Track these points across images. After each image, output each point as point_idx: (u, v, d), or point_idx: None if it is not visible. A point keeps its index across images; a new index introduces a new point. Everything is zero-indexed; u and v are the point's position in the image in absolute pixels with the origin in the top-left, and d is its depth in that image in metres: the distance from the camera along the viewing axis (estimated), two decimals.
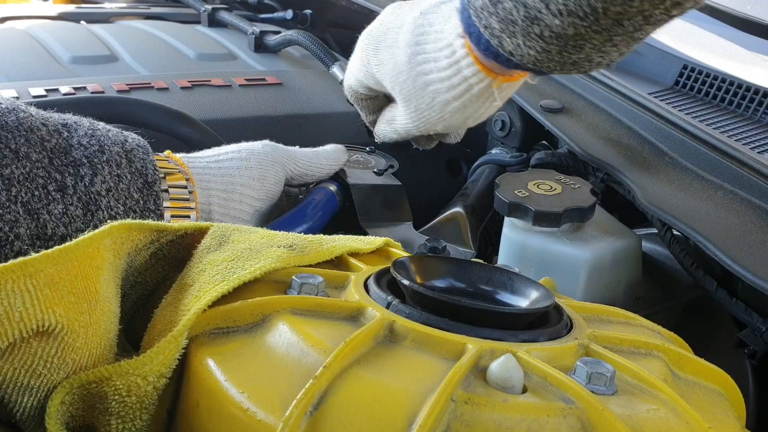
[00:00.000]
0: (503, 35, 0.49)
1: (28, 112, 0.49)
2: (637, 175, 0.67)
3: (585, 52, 0.47)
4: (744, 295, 0.60)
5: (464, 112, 0.59)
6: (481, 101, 0.57)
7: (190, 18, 1.24)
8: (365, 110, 0.70)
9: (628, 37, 0.46)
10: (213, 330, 0.37)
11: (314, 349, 0.34)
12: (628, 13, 0.43)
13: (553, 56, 0.48)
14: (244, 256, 0.41)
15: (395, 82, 0.61)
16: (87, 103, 0.70)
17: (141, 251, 0.42)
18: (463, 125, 0.61)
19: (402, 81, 0.60)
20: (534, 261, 0.63)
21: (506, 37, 0.49)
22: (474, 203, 0.79)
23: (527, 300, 0.41)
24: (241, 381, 0.33)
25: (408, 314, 0.36)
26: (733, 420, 0.38)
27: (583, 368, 0.34)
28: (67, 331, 0.34)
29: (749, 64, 0.89)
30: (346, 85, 0.70)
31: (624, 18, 0.44)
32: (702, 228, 0.59)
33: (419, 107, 0.60)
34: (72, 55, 0.95)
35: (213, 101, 0.85)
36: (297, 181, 0.68)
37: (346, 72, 0.69)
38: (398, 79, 0.60)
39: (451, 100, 0.58)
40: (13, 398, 0.34)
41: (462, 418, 0.30)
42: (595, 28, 0.45)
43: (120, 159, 0.52)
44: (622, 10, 0.43)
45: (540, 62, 0.49)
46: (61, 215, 0.48)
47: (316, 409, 0.31)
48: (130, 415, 0.34)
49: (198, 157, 0.61)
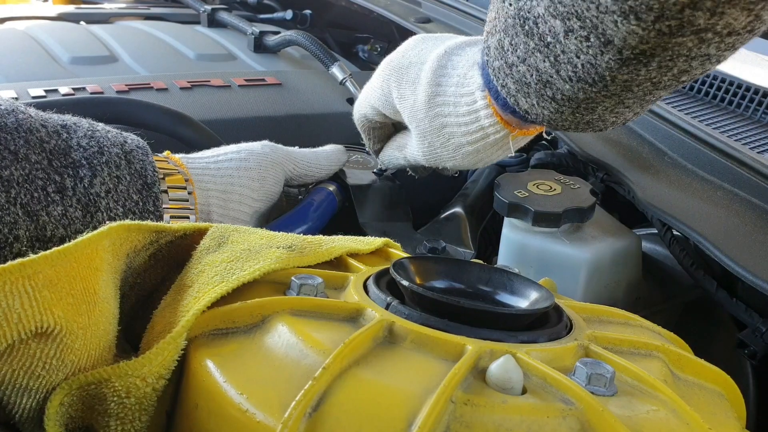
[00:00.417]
0: (519, 95, 0.50)
1: (27, 113, 0.49)
2: (637, 175, 0.67)
3: (597, 113, 0.48)
4: (744, 296, 0.60)
5: (476, 156, 0.60)
6: (495, 149, 0.59)
7: (189, 18, 1.24)
8: (373, 139, 0.71)
9: (640, 100, 0.46)
10: (212, 331, 0.37)
11: (313, 350, 0.34)
12: (636, 80, 0.43)
13: (566, 117, 0.49)
14: (243, 257, 0.41)
15: (413, 118, 0.62)
16: (86, 103, 0.70)
17: (140, 252, 0.42)
18: (472, 166, 0.63)
19: (420, 118, 0.61)
20: (534, 261, 0.63)
21: (522, 97, 0.50)
22: (473, 203, 0.79)
23: (527, 301, 0.41)
24: (240, 382, 0.33)
25: (407, 315, 0.36)
26: (734, 421, 0.38)
27: (582, 369, 0.34)
28: (66, 333, 0.33)
29: (749, 64, 0.89)
30: (358, 113, 0.70)
31: (633, 85, 0.44)
32: (702, 228, 0.59)
33: (433, 144, 0.61)
34: (71, 56, 0.95)
35: (212, 102, 0.85)
36: (296, 181, 0.68)
37: (360, 99, 0.69)
38: (416, 115, 0.61)
39: (465, 145, 0.59)
40: (12, 399, 0.34)
41: (461, 419, 0.30)
42: (604, 93, 0.45)
43: (119, 160, 0.52)
44: (630, 78, 0.43)
45: (554, 121, 0.50)
46: (61, 217, 0.48)
47: (316, 411, 0.31)
48: (129, 417, 0.34)
49: (197, 158, 0.61)
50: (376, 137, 0.71)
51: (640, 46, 0.40)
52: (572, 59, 0.44)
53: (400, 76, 0.62)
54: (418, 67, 0.61)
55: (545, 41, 0.44)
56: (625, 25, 0.39)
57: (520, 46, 0.47)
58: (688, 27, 0.38)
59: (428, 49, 0.62)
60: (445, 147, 0.61)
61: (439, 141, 0.61)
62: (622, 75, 0.43)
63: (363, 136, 0.72)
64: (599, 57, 0.42)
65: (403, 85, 0.62)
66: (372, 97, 0.66)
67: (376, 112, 0.67)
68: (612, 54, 0.41)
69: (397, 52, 0.64)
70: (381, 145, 0.72)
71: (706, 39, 0.39)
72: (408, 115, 0.62)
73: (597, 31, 0.41)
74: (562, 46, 0.43)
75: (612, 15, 0.39)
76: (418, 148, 0.64)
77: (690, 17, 0.37)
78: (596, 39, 0.41)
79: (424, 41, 0.64)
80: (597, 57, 0.42)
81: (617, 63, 0.42)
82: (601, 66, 0.43)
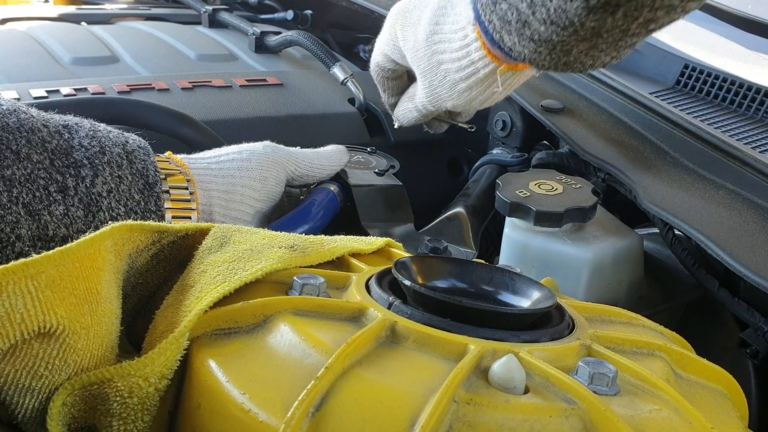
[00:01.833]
0: (503, 32, 0.52)
1: (29, 113, 0.49)
2: (639, 174, 0.67)
3: (573, 55, 0.51)
4: (746, 295, 0.60)
5: (470, 93, 0.63)
6: (486, 85, 0.62)
7: (190, 19, 1.24)
8: (388, 91, 0.74)
9: (612, 46, 0.49)
10: (214, 331, 0.37)
11: (316, 350, 0.34)
12: (604, 27, 0.46)
13: (544, 57, 0.52)
14: (246, 256, 0.41)
15: (414, 57, 0.65)
16: (88, 104, 0.70)
17: (142, 252, 0.42)
18: (469, 106, 0.65)
19: (420, 57, 0.64)
20: (535, 261, 0.63)
21: (505, 34, 0.52)
22: (475, 203, 0.79)
23: (529, 300, 0.41)
24: (242, 382, 0.33)
25: (409, 315, 0.36)
26: (736, 420, 0.38)
27: (585, 369, 0.34)
28: (69, 333, 0.33)
29: (750, 64, 0.89)
30: (373, 62, 0.73)
31: (602, 30, 0.46)
32: (704, 228, 0.59)
33: (432, 83, 0.64)
34: (73, 56, 0.95)
35: (214, 102, 0.85)
36: (298, 181, 0.68)
37: (374, 49, 0.73)
38: (417, 54, 0.64)
39: (459, 81, 0.62)
40: (15, 400, 0.34)
41: (464, 419, 0.30)
42: (575, 37, 0.48)
43: (121, 160, 0.52)
44: (598, 25, 0.46)
45: (534, 60, 0.53)
46: (63, 216, 0.48)
47: (318, 410, 0.31)
48: (131, 417, 0.34)
49: (199, 158, 0.61)
50: (391, 89, 0.74)
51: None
52: (545, 2, 0.46)
53: (404, 19, 0.66)
54: (420, 10, 0.64)
55: None
56: None
57: None
58: None
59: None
60: (443, 84, 0.63)
61: (438, 78, 0.64)
62: (590, 22, 0.45)
63: (380, 90, 0.75)
64: (569, 3, 0.45)
65: (406, 27, 0.65)
66: (381, 42, 0.70)
67: (387, 58, 0.70)
68: (579, 2, 0.44)
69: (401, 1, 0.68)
70: (396, 99, 0.75)
71: None
72: (410, 56, 0.65)
73: None
74: None
75: None
76: (422, 89, 0.67)
77: None
78: None
79: None
80: (566, 3, 0.45)
81: (584, 10, 0.44)
82: (570, 12, 0.45)
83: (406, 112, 0.72)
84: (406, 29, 0.66)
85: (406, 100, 0.72)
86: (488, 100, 0.64)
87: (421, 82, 0.66)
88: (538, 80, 0.84)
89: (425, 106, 0.68)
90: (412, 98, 0.71)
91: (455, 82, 0.62)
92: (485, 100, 0.64)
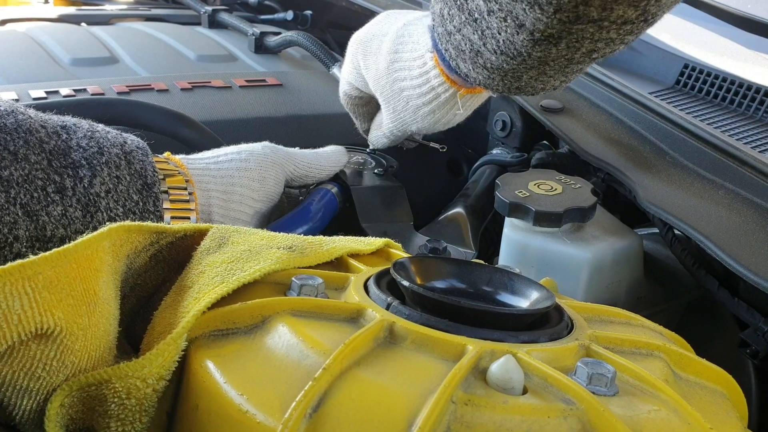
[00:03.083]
0: (458, 60, 0.55)
1: (26, 114, 0.49)
2: (638, 174, 0.67)
3: (524, 81, 0.53)
4: (746, 295, 0.60)
5: (434, 117, 0.66)
6: (447, 108, 0.65)
7: (190, 19, 1.24)
8: (360, 118, 0.77)
9: (560, 72, 0.52)
10: (212, 332, 0.37)
11: (314, 351, 0.34)
12: (550, 57, 0.49)
13: (497, 83, 0.55)
14: (244, 257, 0.41)
15: (377, 85, 0.68)
16: (87, 104, 0.70)
17: (140, 253, 0.42)
18: (433, 128, 0.68)
19: (382, 85, 0.67)
20: (535, 261, 0.63)
21: (460, 62, 0.55)
22: (475, 203, 0.79)
23: (528, 301, 0.41)
24: (240, 383, 0.33)
25: (408, 315, 0.36)
26: (735, 420, 0.38)
27: (583, 369, 0.34)
28: (66, 334, 0.33)
29: (750, 63, 0.89)
30: (341, 91, 0.76)
31: (548, 59, 0.49)
32: (703, 228, 0.58)
33: (396, 109, 0.67)
34: (72, 57, 0.95)
35: (213, 102, 0.85)
36: (297, 182, 0.68)
37: (341, 78, 0.75)
38: (379, 82, 0.67)
39: (421, 105, 0.65)
40: (13, 401, 0.34)
41: (462, 420, 0.30)
42: (524, 66, 0.50)
43: (119, 160, 0.52)
44: (543, 55, 0.48)
45: (488, 86, 0.56)
46: (61, 217, 0.48)
47: (316, 411, 0.31)
48: (129, 418, 0.34)
49: (197, 159, 0.61)
50: (363, 115, 0.76)
51: (547, 30, 0.45)
52: (495, 35, 0.49)
53: (365, 48, 0.68)
54: (380, 39, 0.67)
55: (473, 17, 0.50)
56: (531, 13, 0.45)
57: (455, 17, 0.52)
58: (585, 18, 0.44)
59: (390, 22, 0.68)
60: (406, 110, 0.66)
61: (401, 105, 0.67)
62: (536, 52, 0.48)
63: (352, 117, 0.77)
64: (515, 36, 0.48)
65: (368, 56, 0.68)
66: (346, 72, 0.73)
67: (352, 86, 0.73)
68: (525, 35, 0.47)
69: (364, 28, 0.70)
70: (369, 125, 0.77)
71: (604, 27, 0.45)
72: (373, 83, 0.68)
73: (512, 14, 0.46)
74: (486, 23, 0.49)
75: (521, 3, 0.45)
76: (386, 115, 0.69)
77: (584, 11, 0.43)
78: (512, 21, 0.47)
79: (388, 16, 0.69)
80: (514, 36, 0.48)
81: (530, 42, 0.47)
82: (518, 43, 0.48)
83: (378, 138, 0.75)
84: (367, 58, 0.68)
85: (375, 127, 0.75)
86: (451, 122, 0.67)
87: (385, 109, 0.69)
88: None
89: (392, 131, 0.71)
90: (380, 126, 0.73)
91: (418, 107, 0.65)
92: (448, 122, 0.67)
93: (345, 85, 0.74)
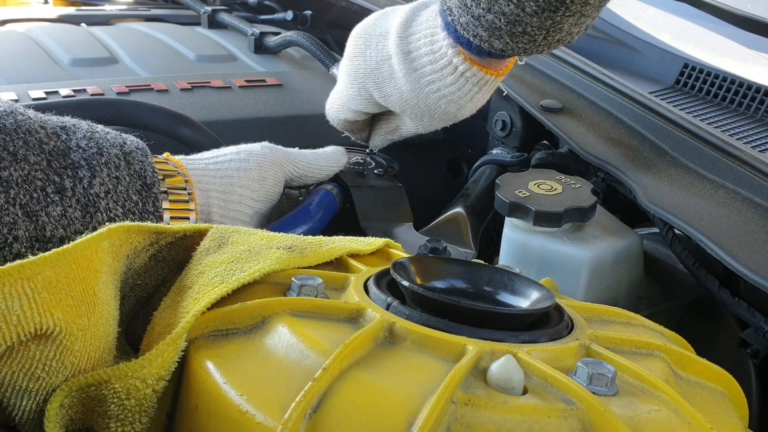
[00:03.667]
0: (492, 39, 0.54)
1: (26, 114, 0.49)
2: (639, 174, 0.67)
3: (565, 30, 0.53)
4: (746, 295, 0.60)
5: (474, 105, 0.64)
6: (485, 93, 0.63)
7: (190, 20, 1.24)
8: (356, 133, 0.75)
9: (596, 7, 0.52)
10: (212, 332, 0.37)
11: (313, 351, 0.33)
12: None
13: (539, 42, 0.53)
14: (243, 257, 0.41)
15: (405, 107, 0.66)
16: (86, 105, 0.70)
17: (140, 253, 0.42)
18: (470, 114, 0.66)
19: (412, 105, 0.65)
20: (535, 261, 0.63)
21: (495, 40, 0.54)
22: (475, 204, 0.79)
23: (528, 301, 0.41)
24: (240, 383, 0.33)
25: (408, 315, 0.36)
26: (736, 420, 0.38)
27: (584, 369, 0.34)
28: (66, 335, 0.33)
29: (750, 63, 0.89)
30: (337, 119, 0.74)
31: None
32: (704, 227, 0.58)
33: (432, 118, 0.66)
34: (72, 58, 0.95)
35: (213, 103, 0.85)
36: (297, 182, 0.68)
37: (334, 106, 0.73)
38: (408, 104, 0.65)
39: (464, 105, 0.63)
40: (12, 401, 0.34)
41: (462, 420, 0.30)
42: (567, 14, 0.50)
43: (119, 161, 0.52)
44: None
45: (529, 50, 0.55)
46: (60, 217, 0.48)
47: (315, 412, 0.30)
48: (129, 418, 0.34)
49: (196, 159, 0.61)
50: (358, 129, 0.75)
51: None
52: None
53: (374, 78, 0.66)
54: (388, 64, 0.64)
55: None
56: None
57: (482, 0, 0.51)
58: None
59: (377, 42, 0.65)
60: (445, 115, 0.65)
61: (437, 113, 0.65)
62: None
63: (348, 134, 0.76)
64: None
65: (382, 84, 0.66)
66: (352, 102, 0.70)
67: (359, 113, 0.71)
68: None
69: (356, 59, 0.67)
70: (366, 132, 0.76)
71: None
72: (399, 107, 0.66)
73: None
74: None
75: None
76: (415, 126, 0.69)
77: None
78: None
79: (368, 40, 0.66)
80: None
81: None
82: None
83: (386, 140, 0.75)
84: (382, 87, 0.65)
85: (387, 132, 0.74)
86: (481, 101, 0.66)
87: (416, 122, 0.67)
88: (537, 80, 0.84)
89: (413, 133, 0.71)
90: (395, 131, 0.73)
91: (460, 107, 0.64)
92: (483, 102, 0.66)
93: (347, 113, 0.71)
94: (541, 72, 0.85)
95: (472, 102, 0.63)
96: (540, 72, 0.85)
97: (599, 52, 0.98)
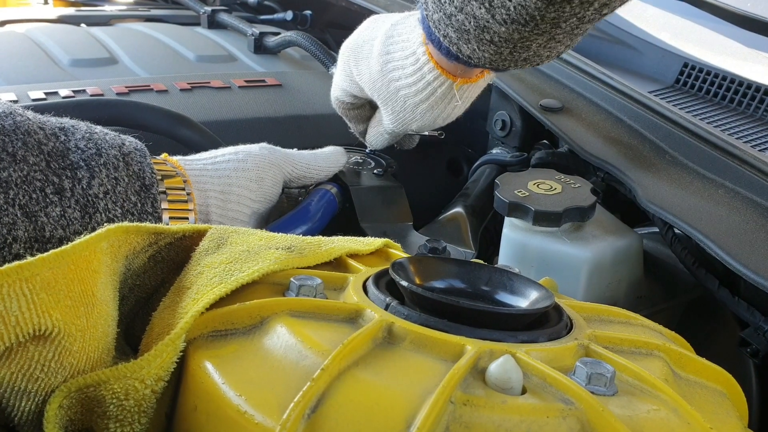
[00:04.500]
0: (460, 42, 0.54)
1: (25, 115, 0.49)
2: (638, 174, 0.67)
3: (533, 50, 0.52)
4: (746, 294, 0.60)
5: (433, 112, 0.65)
6: (446, 102, 0.64)
7: (189, 20, 1.24)
8: (354, 121, 0.77)
9: (569, 34, 0.51)
10: (211, 333, 0.37)
11: (312, 352, 0.33)
12: (563, 17, 0.48)
13: (505, 56, 0.53)
14: (242, 258, 0.41)
15: (373, 89, 0.68)
16: (86, 105, 0.70)
17: (139, 254, 0.42)
18: (433, 124, 0.68)
19: (378, 87, 0.67)
20: (534, 261, 0.63)
21: (463, 44, 0.54)
22: (474, 203, 0.79)
23: (527, 300, 0.41)
24: (238, 384, 0.33)
25: (406, 316, 0.36)
26: (735, 420, 0.38)
27: (582, 369, 0.34)
28: (64, 335, 0.33)
29: (750, 62, 0.89)
30: (333, 98, 0.76)
31: (561, 21, 0.48)
32: (703, 227, 0.58)
33: (395, 109, 0.67)
34: (71, 58, 0.95)
35: (212, 103, 0.85)
36: (296, 183, 0.68)
37: (333, 85, 0.75)
38: (375, 86, 0.67)
39: (419, 103, 0.65)
40: (11, 402, 0.34)
41: (461, 420, 0.30)
42: (536, 31, 0.49)
43: (117, 162, 0.52)
44: (557, 15, 0.47)
45: (495, 62, 0.55)
46: (59, 218, 0.48)
47: (314, 412, 0.30)
48: (128, 419, 0.34)
49: (195, 160, 0.61)
50: (356, 118, 0.76)
51: None
52: (505, 3, 0.48)
53: (356, 55, 0.68)
54: (370, 44, 0.67)
55: None
56: None
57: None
58: None
59: (378, 27, 0.68)
60: (405, 109, 0.66)
61: (399, 105, 0.66)
62: (550, 13, 0.47)
63: (346, 121, 0.77)
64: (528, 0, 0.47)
65: (360, 61, 0.68)
66: (339, 79, 0.73)
67: (346, 93, 0.73)
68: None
69: (352, 36, 0.70)
70: (364, 126, 0.77)
71: None
72: (369, 88, 0.68)
73: None
74: None
75: None
76: (386, 117, 0.69)
77: None
78: None
79: (375, 21, 0.69)
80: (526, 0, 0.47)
81: (544, 3, 0.46)
82: (531, 7, 0.47)
83: (377, 137, 0.75)
84: (359, 64, 0.68)
85: (375, 125, 0.75)
86: (451, 115, 0.67)
87: (384, 110, 0.69)
88: (536, 79, 0.84)
89: (392, 131, 0.71)
90: (379, 124, 0.73)
91: (416, 104, 0.65)
92: (448, 116, 0.66)
93: (338, 92, 0.74)
94: (540, 71, 0.85)
95: (427, 104, 0.64)
96: (540, 71, 0.85)
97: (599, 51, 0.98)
